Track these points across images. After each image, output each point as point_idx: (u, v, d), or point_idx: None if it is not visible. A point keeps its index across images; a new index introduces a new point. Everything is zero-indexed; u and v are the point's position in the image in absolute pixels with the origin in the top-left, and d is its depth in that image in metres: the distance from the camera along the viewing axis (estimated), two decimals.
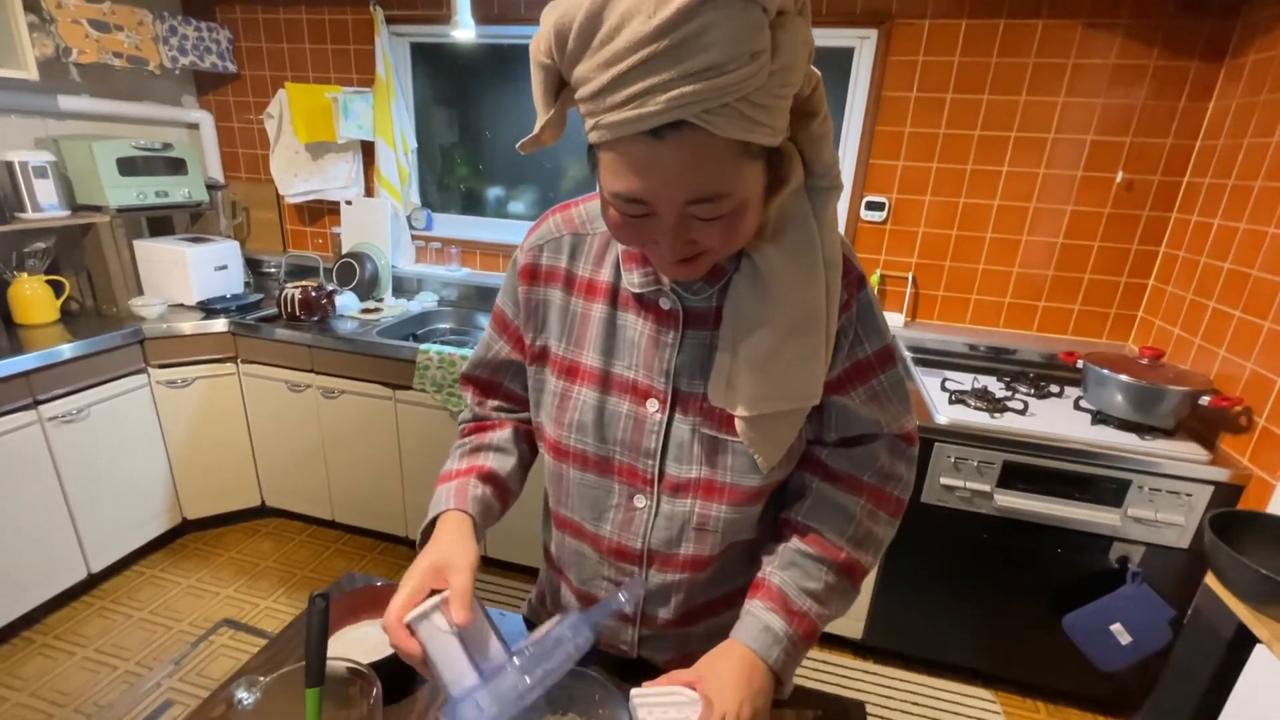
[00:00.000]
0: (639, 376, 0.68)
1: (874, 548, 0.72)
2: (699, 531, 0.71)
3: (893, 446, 0.72)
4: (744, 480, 0.69)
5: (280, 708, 0.69)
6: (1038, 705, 1.81)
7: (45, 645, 1.87)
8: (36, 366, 1.78)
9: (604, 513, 0.74)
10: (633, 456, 0.70)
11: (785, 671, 0.66)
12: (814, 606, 0.68)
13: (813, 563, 0.69)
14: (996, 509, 1.64)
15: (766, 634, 0.65)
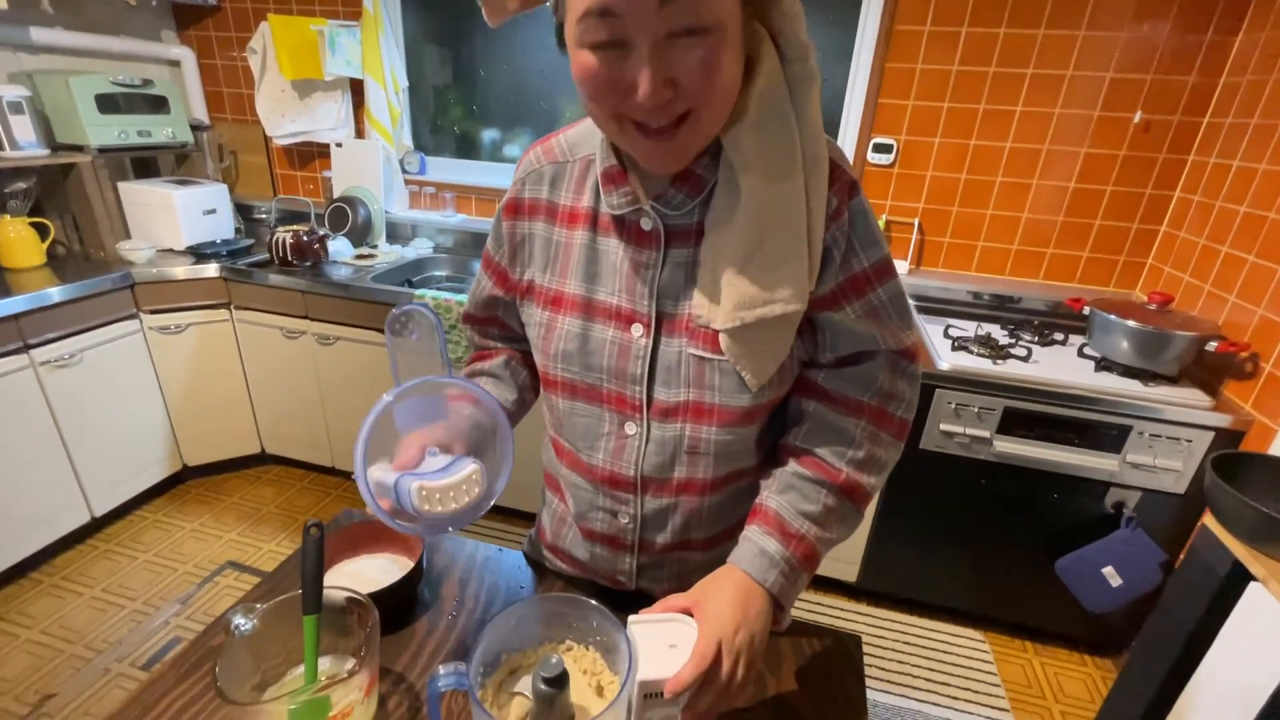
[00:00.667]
0: (622, 302, 0.67)
1: (876, 470, 0.70)
2: (690, 455, 0.70)
3: (893, 364, 0.69)
4: (733, 400, 0.67)
5: (279, 634, 0.70)
6: (1025, 645, 1.86)
7: (53, 586, 1.90)
8: (25, 310, 1.75)
9: (596, 441, 0.73)
10: (619, 383, 0.69)
11: (784, 596, 0.65)
12: (812, 529, 0.66)
13: (810, 485, 0.68)
14: (995, 455, 1.64)
15: (763, 558, 0.64)
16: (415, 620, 0.84)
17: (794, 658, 0.82)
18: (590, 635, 0.68)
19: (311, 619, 0.67)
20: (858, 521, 0.72)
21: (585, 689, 0.66)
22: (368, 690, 0.66)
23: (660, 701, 0.59)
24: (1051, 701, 1.68)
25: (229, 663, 0.63)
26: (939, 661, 1.77)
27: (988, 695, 1.68)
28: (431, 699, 0.57)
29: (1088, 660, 1.82)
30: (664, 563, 0.79)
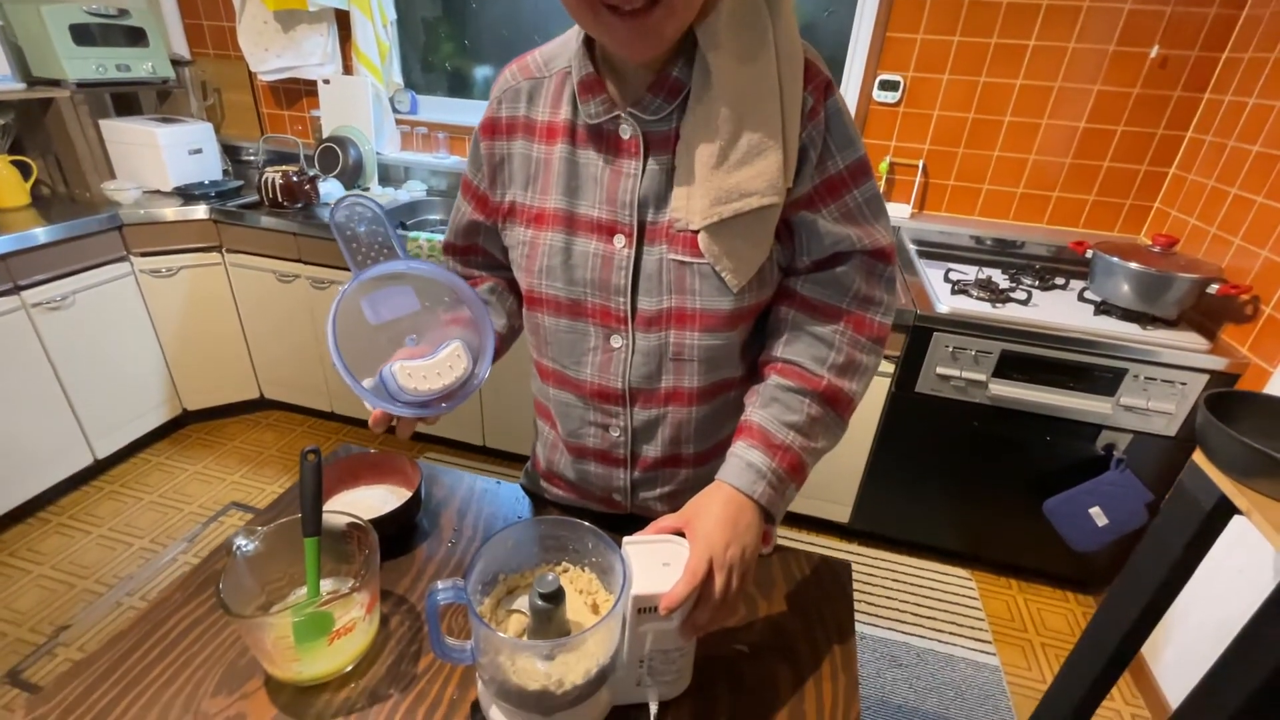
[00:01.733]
0: (603, 214, 0.67)
1: (858, 375, 0.70)
2: (676, 362, 0.71)
3: (868, 267, 0.69)
4: (714, 303, 0.67)
5: (281, 557, 0.71)
6: (1010, 582, 1.92)
7: (61, 524, 1.93)
8: (12, 250, 1.72)
9: (582, 356, 0.74)
10: (603, 296, 0.69)
11: (773, 506, 0.65)
12: (797, 439, 0.67)
13: (793, 395, 0.68)
14: (989, 398, 1.65)
15: (750, 470, 0.65)
16: (415, 547, 0.86)
17: (785, 582, 0.84)
18: (586, 556, 0.69)
19: (312, 541, 0.68)
20: (842, 430, 0.72)
21: (581, 607, 0.68)
22: (369, 608, 0.68)
23: (654, 617, 0.61)
24: (1033, 634, 1.75)
25: (233, 582, 0.65)
26: (926, 597, 1.83)
27: (972, 629, 1.74)
28: (430, 612, 0.58)
29: (1070, 596, 1.88)
30: (657, 478, 0.81)
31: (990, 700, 1.54)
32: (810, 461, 0.69)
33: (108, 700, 0.64)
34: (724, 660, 0.72)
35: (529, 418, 2.20)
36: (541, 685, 0.58)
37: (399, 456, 0.90)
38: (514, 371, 2.04)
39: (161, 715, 0.63)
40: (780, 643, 0.75)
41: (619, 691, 0.65)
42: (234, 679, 0.67)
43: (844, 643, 0.76)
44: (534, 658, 0.59)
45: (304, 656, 0.64)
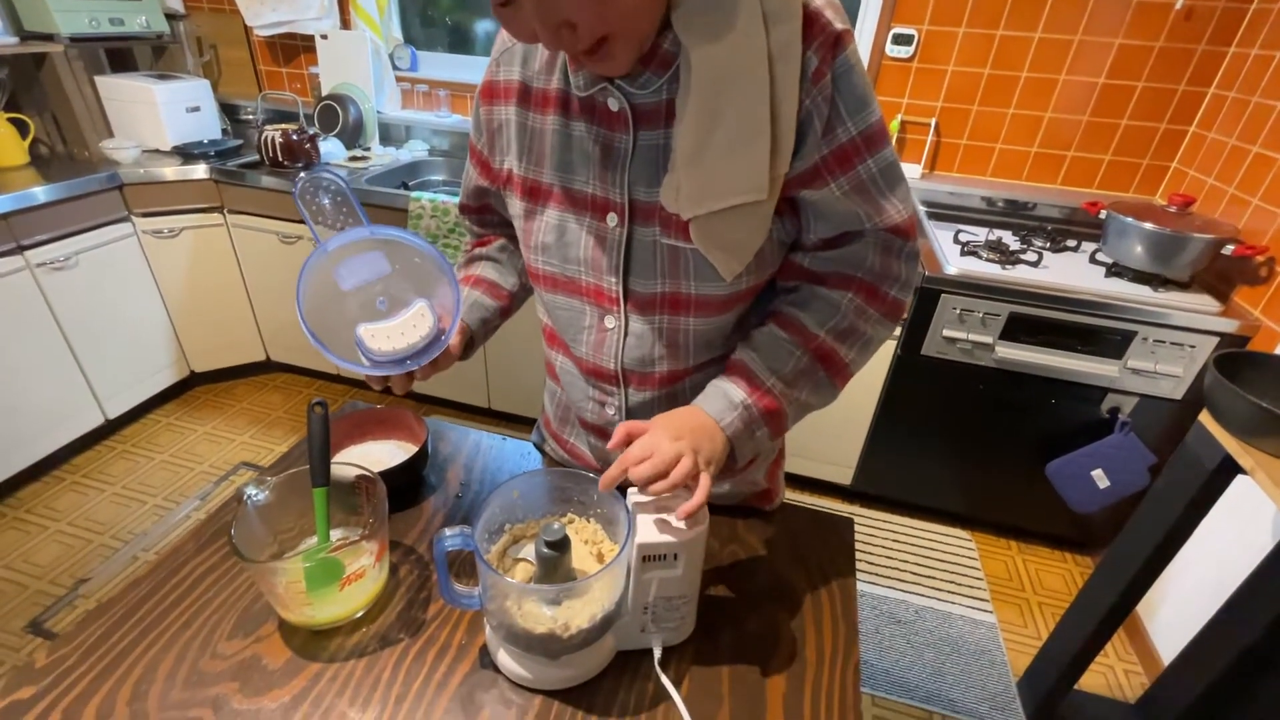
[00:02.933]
0: (596, 190, 0.65)
1: (860, 344, 0.67)
2: (670, 347, 0.70)
3: (885, 243, 0.64)
4: (708, 289, 0.65)
5: (291, 508, 0.72)
6: (1009, 543, 1.94)
7: (75, 483, 1.97)
8: (14, 209, 1.71)
9: (579, 334, 0.73)
10: (596, 275, 0.68)
11: (739, 441, 0.64)
12: (779, 385, 0.65)
13: (784, 345, 0.66)
14: (996, 360, 1.64)
15: (723, 399, 0.64)
16: (422, 500, 0.87)
17: (787, 536, 0.85)
18: (591, 508, 0.70)
19: (321, 491, 0.69)
20: (832, 394, 0.69)
21: (586, 556, 0.69)
22: (378, 556, 0.69)
23: (659, 565, 0.62)
24: (1030, 593, 1.78)
25: (245, 530, 0.66)
26: (926, 557, 1.86)
27: (970, 587, 1.77)
28: (438, 559, 0.59)
29: (1068, 557, 1.90)
30: None
31: (986, 655, 1.58)
32: (791, 412, 0.67)
33: (127, 642, 0.66)
34: (727, 608, 0.73)
35: (534, 381, 2.22)
36: (548, 629, 0.59)
37: (405, 412, 0.91)
38: (518, 334, 2.04)
39: (180, 656, 0.65)
40: (782, 593, 0.76)
41: (623, 637, 0.67)
42: (249, 623, 0.69)
43: (845, 592, 0.77)
44: (540, 602, 0.60)
45: (315, 602, 0.65)
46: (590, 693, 0.64)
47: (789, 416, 0.67)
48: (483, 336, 0.81)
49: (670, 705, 0.63)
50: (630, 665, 0.67)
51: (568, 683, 0.64)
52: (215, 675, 0.63)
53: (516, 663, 0.64)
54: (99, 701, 0.60)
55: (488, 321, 0.80)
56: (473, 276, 0.82)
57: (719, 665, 0.67)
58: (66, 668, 0.63)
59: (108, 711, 0.60)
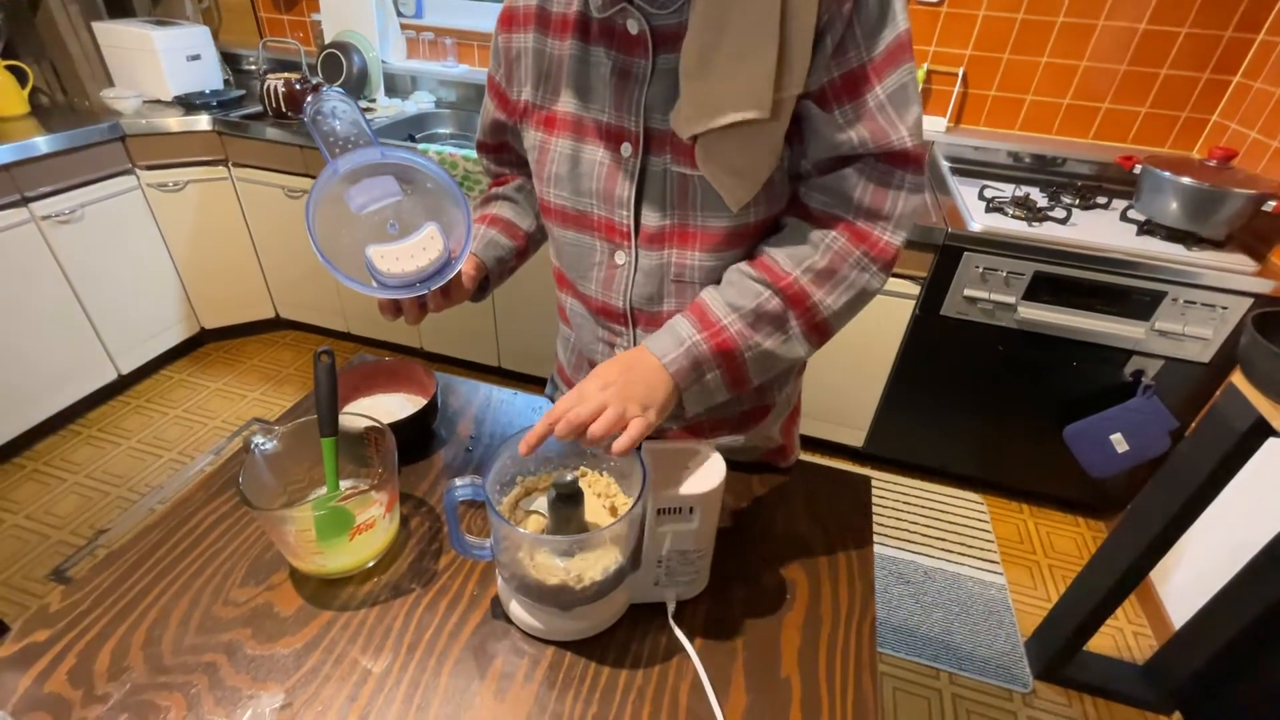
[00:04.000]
0: (611, 119, 0.62)
1: (839, 289, 0.61)
2: (678, 284, 0.67)
3: (879, 174, 0.58)
4: (713, 221, 0.62)
5: (300, 458, 0.71)
6: (1021, 506, 1.93)
7: (91, 437, 1.99)
8: (16, 159, 1.68)
9: (588, 271, 0.71)
10: (608, 208, 0.66)
11: (683, 381, 0.60)
12: (736, 323, 0.60)
13: (751, 282, 0.61)
14: (1017, 321, 1.60)
15: (671, 336, 0.60)
16: (433, 453, 0.86)
17: (803, 495, 0.83)
18: (604, 461, 0.69)
19: (329, 441, 0.68)
20: (803, 347, 0.63)
21: (599, 510, 0.67)
22: (388, 507, 0.68)
23: (673, 518, 0.60)
24: (1041, 556, 1.77)
25: (253, 479, 0.65)
26: (937, 519, 1.85)
27: (981, 549, 1.76)
28: (449, 508, 0.58)
29: (1080, 521, 1.89)
30: None
31: (994, 615, 1.58)
32: (750, 359, 0.62)
33: (140, 588, 0.66)
34: (741, 564, 0.72)
35: (546, 340, 2.20)
36: (560, 581, 0.58)
37: (414, 365, 0.89)
38: (530, 290, 2.01)
39: (193, 602, 0.65)
40: (797, 550, 0.75)
41: (637, 590, 0.66)
42: (260, 571, 0.69)
43: (861, 551, 0.76)
44: (552, 554, 0.59)
45: (326, 551, 0.65)
46: (603, 644, 0.64)
47: (748, 364, 0.62)
48: (498, 277, 0.79)
49: (684, 658, 0.63)
50: (643, 618, 0.66)
51: (580, 634, 0.64)
52: (228, 621, 0.63)
53: (529, 613, 0.63)
54: (113, 645, 0.61)
55: (504, 261, 0.78)
56: (489, 215, 0.80)
57: (733, 620, 0.67)
58: (80, 612, 0.63)
59: (122, 655, 0.60)
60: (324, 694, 0.58)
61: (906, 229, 0.61)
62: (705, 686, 0.59)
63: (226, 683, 0.58)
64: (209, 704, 0.56)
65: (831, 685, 0.61)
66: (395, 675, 0.59)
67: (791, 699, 0.60)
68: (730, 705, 0.59)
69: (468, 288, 0.72)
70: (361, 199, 0.61)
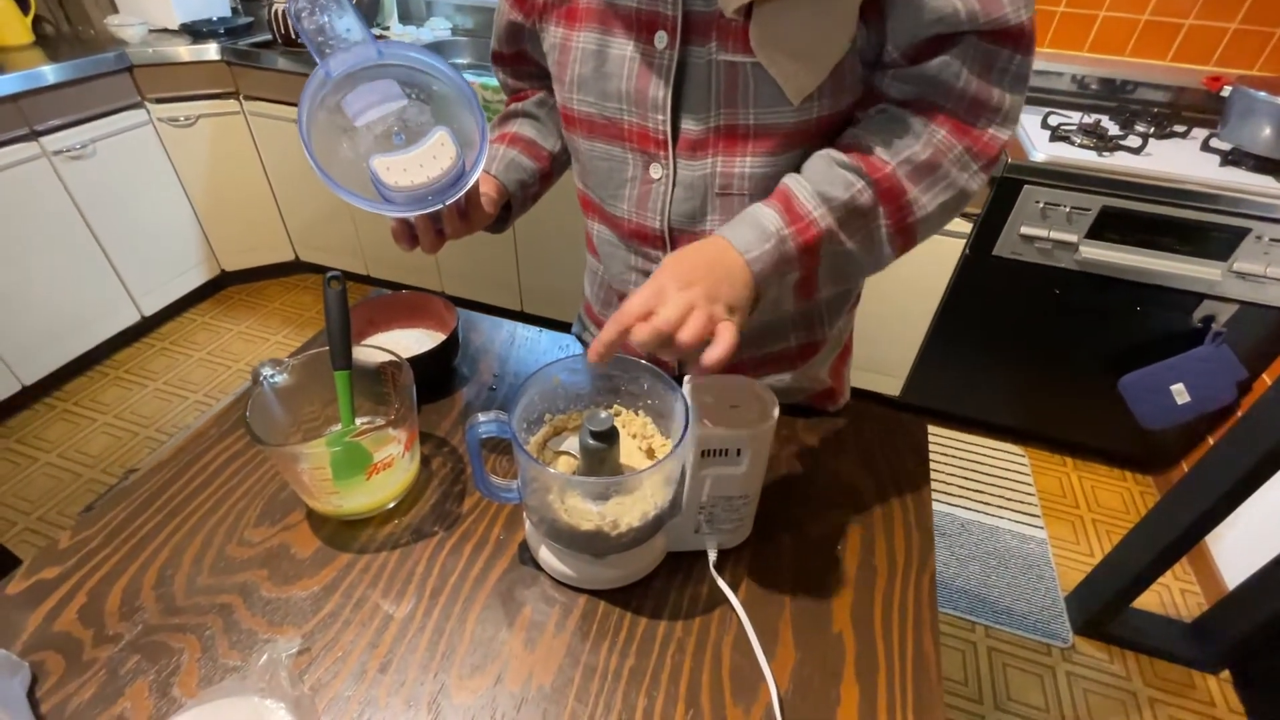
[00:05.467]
0: (642, 3, 0.53)
1: (938, 189, 0.52)
2: (723, 198, 0.59)
3: (986, 56, 0.48)
4: (770, 118, 0.53)
5: (312, 393, 0.66)
6: (1065, 460, 1.85)
7: (118, 378, 2.00)
8: (22, 90, 1.62)
9: (619, 189, 0.63)
10: (641, 113, 0.57)
11: (763, 282, 0.51)
12: (826, 217, 0.51)
13: (843, 171, 0.52)
14: (1078, 262, 1.48)
15: (755, 228, 0.51)
16: (454, 391, 0.81)
17: (853, 439, 0.77)
18: (640, 399, 0.62)
19: (343, 374, 0.63)
20: (882, 256, 0.55)
21: (635, 452, 0.62)
22: (407, 445, 0.63)
23: (719, 460, 0.54)
24: (1085, 510, 1.70)
25: (262, 413, 0.60)
26: (975, 471, 1.79)
27: (1021, 503, 1.70)
28: (471, 446, 0.53)
29: (1127, 476, 1.80)
30: None
31: (1034, 570, 1.53)
32: (828, 262, 0.54)
33: (152, 525, 0.63)
34: (786, 512, 0.67)
35: (569, 281, 2.13)
36: (595, 526, 0.53)
37: (433, 298, 0.83)
38: (552, 229, 1.93)
39: (206, 541, 0.62)
40: (847, 497, 0.69)
41: (676, 538, 0.61)
42: (275, 511, 0.65)
43: (918, 499, 0.70)
44: (586, 497, 0.54)
45: (342, 491, 0.60)
46: (639, 594, 0.59)
47: (822, 269, 0.54)
48: (521, 203, 0.71)
49: (727, 610, 0.58)
50: (683, 567, 0.61)
51: (614, 583, 0.59)
52: (243, 562, 0.60)
53: (559, 560, 0.59)
54: (125, 584, 0.58)
55: (526, 186, 0.70)
56: (509, 134, 0.71)
57: (779, 571, 0.61)
58: (91, 549, 0.60)
59: (134, 594, 0.57)
60: (344, 639, 0.54)
61: (1015, 122, 0.52)
62: (751, 640, 0.55)
63: (242, 625, 0.55)
64: (223, 647, 0.53)
65: (889, 643, 0.56)
66: (419, 621, 0.56)
67: (845, 657, 0.55)
68: (778, 661, 0.54)
69: (488, 211, 0.64)
70: (359, 105, 0.53)
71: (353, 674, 0.52)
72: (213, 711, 0.47)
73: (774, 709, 0.51)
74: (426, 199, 0.53)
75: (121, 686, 0.50)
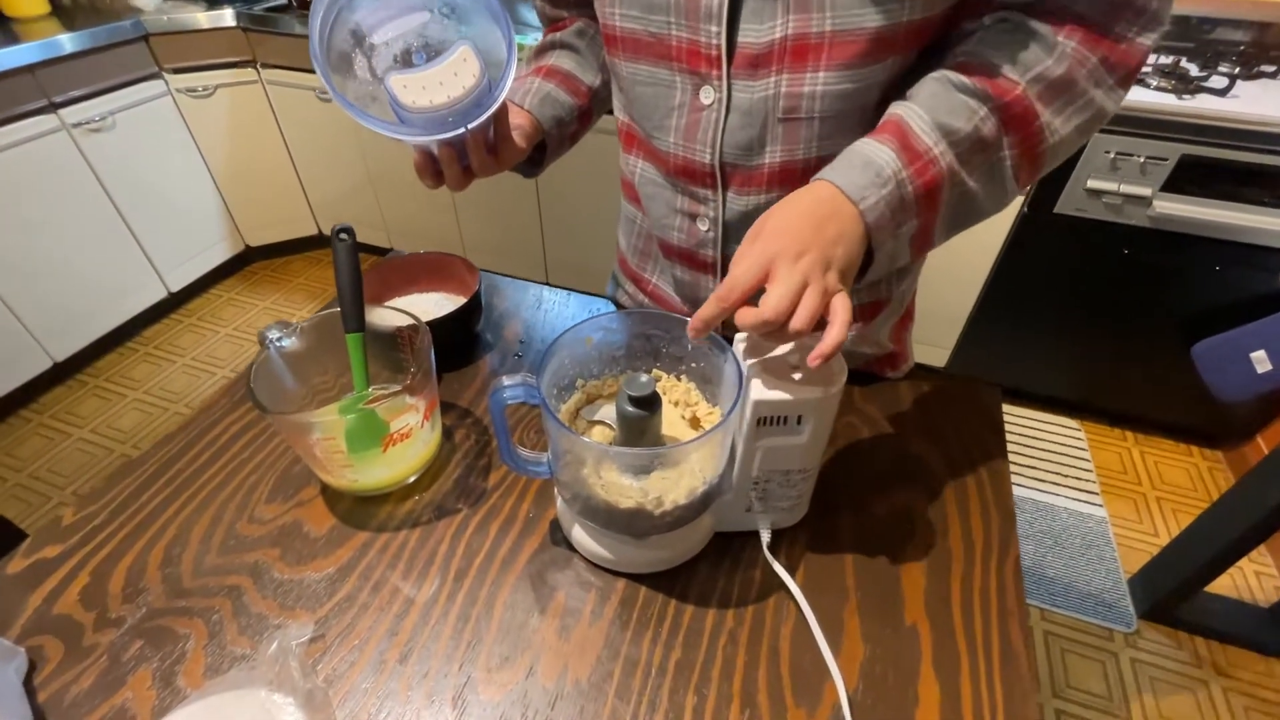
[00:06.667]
0: None
1: (1072, 109, 0.44)
2: (788, 124, 0.51)
3: None
4: (850, 20, 0.44)
5: (327, 362, 0.60)
6: (1125, 434, 1.73)
7: (148, 354, 2.00)
8: (39, 60, 1.59)
9: (666, 118, 0.55)
10: (691, 25, 0.49)
11: (879, 234, 0.43)
12: (948, 153, 0.44)
13: (962, 95, 0.44)
14: (1151, 218, 1.35)
15: (866, 169, 0.43)
16: (477, 359, 0.75)
17: (919, 408, 0.69)
18: (684, 362, 0.56)
19: (355, 337, 0.57)
20: (1005, 193, 0.47)
21: (677, 421, 0.55)
22: (426, 415, 0.58)
23: (777, 429, 0.47)
24: (1148, 488, 1.59)
25: (268, 380, 0.55)
26: (1027, 446, 1.68)
27: (1078, 479, 1.60)
28: (496, 414, 0.47)
29: (1194, 451, 1.68)
30: None
31: (1093, 549, 1.43)
32: (947, 210, 0.46)
33: (158, 501, 0.59)
34: (845, 489, 0.60)
35: (598, 249, 2.05)
36: (636, 504, 0.46)
37: (454, 259, 0.77)
38: (580, 198, 1.85)
39: (215, 518, 0.57)
40: (914, 473, 0.62)
41: (724, 517, 0.55)
42: (289, 486, 0.60)
43: (995, 474, 0.62)
44: (625, 471, 0.48)
45: (357, 464, 0.55)
46: (683, 579, 0.53)
47: (941, 216, 0.46)
48: (557, 144, 0.64)
49: (782, 598, 0.51)
50: (731, 549, 0.55)
51: (656, 566, 0.53)
52: (254, 541, 0.55)
53: (594, 541, 0.53)
54: (129, 563, 0.53)
55: (563, 124, 0.63)
56: (545, 67, 0.64)
57: (840, 554, 0.55)
58: (95, 526, 0.56)
59: (138, 574, 0.53)
60: (360, 625, 0.49)
61: (1163, 24, 0.42)
62: (814, 632, 0.48)
63: (251, 609, 0.50)
64: (231, 632, 0.49)
65: (970, 637, 0.49)
66: (442, 606, 0.50)
67: (921, 653, 0.48)
68: (844, 655, 0.48)
69: (520, 146, 0.57)
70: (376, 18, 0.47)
71: (370, 664, 0.47)
72: (216, 706, 0.43)
73: (843, 710, 0.44)
74: (447, 121, 0.46)
75: (123, 675, 0.46)
